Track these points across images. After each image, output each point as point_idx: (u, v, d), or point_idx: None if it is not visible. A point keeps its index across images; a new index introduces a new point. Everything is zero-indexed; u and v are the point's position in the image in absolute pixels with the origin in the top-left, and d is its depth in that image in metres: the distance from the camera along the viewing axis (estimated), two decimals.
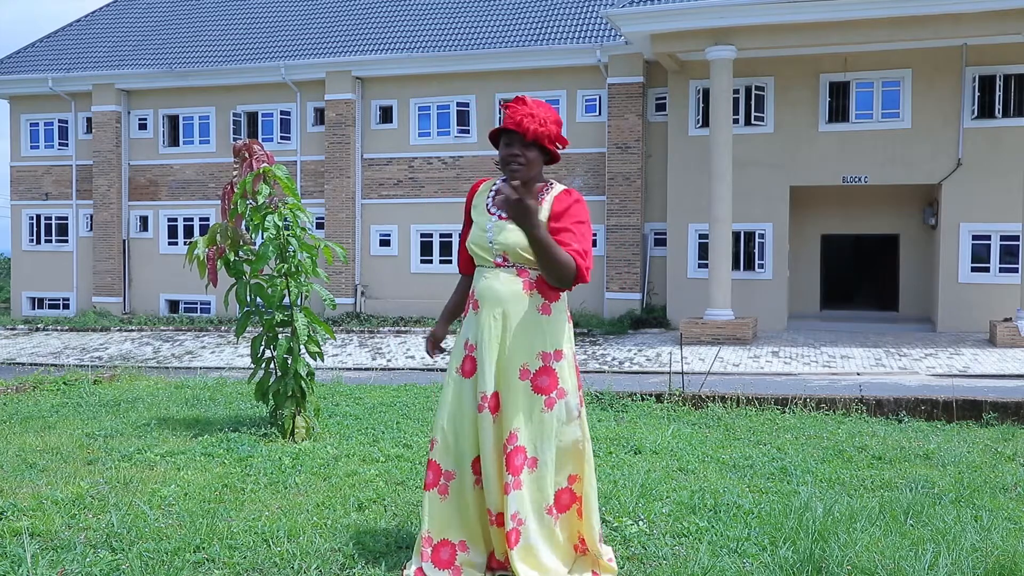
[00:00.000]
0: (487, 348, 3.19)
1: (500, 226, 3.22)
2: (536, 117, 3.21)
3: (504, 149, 3.26)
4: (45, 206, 24.62)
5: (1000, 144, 17.53)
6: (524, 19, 21.57)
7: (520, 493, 3.14)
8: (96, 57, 24.21)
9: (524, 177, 3.26)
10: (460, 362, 3.27)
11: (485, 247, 3.25)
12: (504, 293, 3.20)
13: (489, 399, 3.18)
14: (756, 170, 18.56)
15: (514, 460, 3.14)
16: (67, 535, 3.72)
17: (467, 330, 3.29)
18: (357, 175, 22.10)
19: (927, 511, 4.16)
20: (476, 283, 3.29)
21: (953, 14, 15.38)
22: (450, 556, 3.19)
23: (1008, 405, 7.02)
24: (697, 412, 7.20)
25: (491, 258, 3.24)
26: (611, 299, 20.09)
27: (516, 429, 3.16)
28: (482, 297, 3.23)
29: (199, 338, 19.47)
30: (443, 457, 3.24)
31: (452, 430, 3.23)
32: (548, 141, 3.24)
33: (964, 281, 17.84)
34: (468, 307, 3.32)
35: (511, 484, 3.13)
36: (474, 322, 3.26)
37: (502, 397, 3.19)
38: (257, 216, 5.92)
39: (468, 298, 3.34)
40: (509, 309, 3.19)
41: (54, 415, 6.78)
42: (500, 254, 3.22)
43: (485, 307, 3.22)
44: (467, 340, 3.27)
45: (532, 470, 3.17)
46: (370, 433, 6.06)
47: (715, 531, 3.84)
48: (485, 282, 3.25)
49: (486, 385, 3.18)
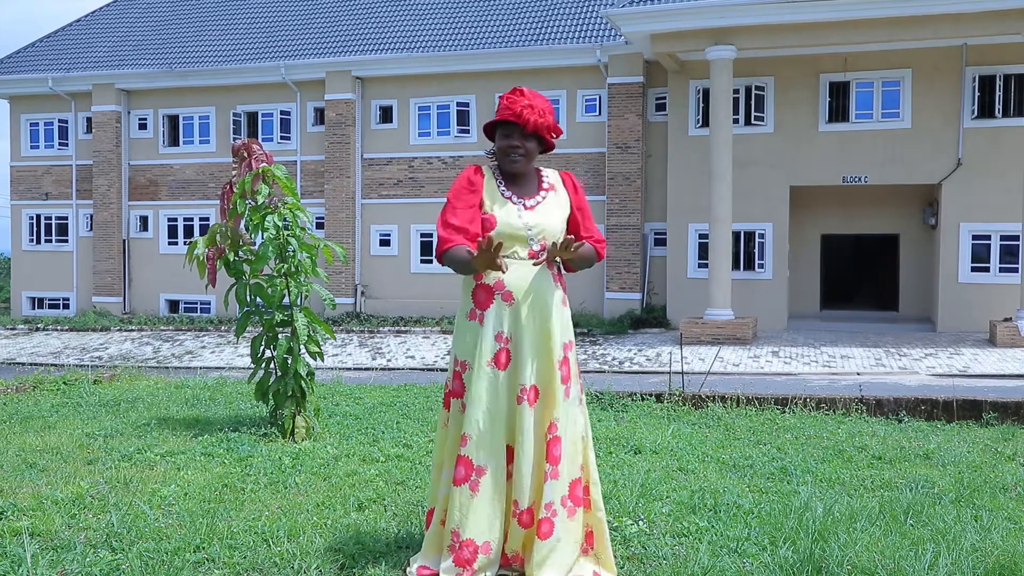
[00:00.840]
0: (527, 341, 3.20)
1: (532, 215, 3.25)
2: (535, 108, 3.21)
3: (503, 140, 3.26)
4: (45, 206, 24.62)
5: (1000, 144, 17.53)
6: (524, 19, 21.58)
7: (557, 483, 3.19)
8: (96, 57, 24.21)
9: (523, 168, 3.28)
10: (493, 355, 3.21)
11: (521, 236, 3.23)
12: (539, 286, 3.23)
13: (528, 391, 3.19)
14: (756, 170, 18.56)
15: (553, 450, 3.19)
16: (67, 535, 3.72)
17: (498, 322, 3.22)
18: (357, 175, 22.10)
19: (927, 511, 4.16)
20: (507, 274, 3.21)
21: (953, 14, 15.37)
22: (471, 555, 3.15)
23: (1008, 405, 7.01)
24: (697, 412, 7.20)
25: (526, 248, 3.24)
26: (611, 299, 20.09)
27: (556, 419, 3.21)
28: (517, 289, 3.21)
29: (199, 338, 19.47)
30: (476, 452, 3.18)
31: (488, 424, 3.19)
32: (547, 131, 3.26)
33: (964, 281, 17.84)
34: (493, 298, 3.22)
35: (549, 473, 3.18)
36: (508, 314, 3.22)
37: (541, 389, 3.22)
38: (257, 216, 5.92)
39: (493, 289, 3.22)
40: (545, 301, 3.23)
41: (54, 415, 6.78)
42: (539, 242, 3.24)
43: (522, 299, 3.21)
44: (500, 332, 3.21)
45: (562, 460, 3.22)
46: (370, 433, 6.06)
47: (715, 531, 3.84)
48: (517, 273, 3.22)
49: (526, 378, 3.19)
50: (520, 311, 3.21)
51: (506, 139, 3.25)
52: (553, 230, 3.26)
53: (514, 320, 3.22)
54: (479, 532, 3.15)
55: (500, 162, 3.30)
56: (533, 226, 3.23)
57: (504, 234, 3.20)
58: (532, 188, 3.33)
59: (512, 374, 3.21)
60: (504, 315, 3.22)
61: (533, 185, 3.34)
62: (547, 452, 3.19)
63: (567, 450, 3.23)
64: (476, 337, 3.23)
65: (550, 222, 3.27)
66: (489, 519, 3.18)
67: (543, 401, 3.22)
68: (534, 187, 3.33)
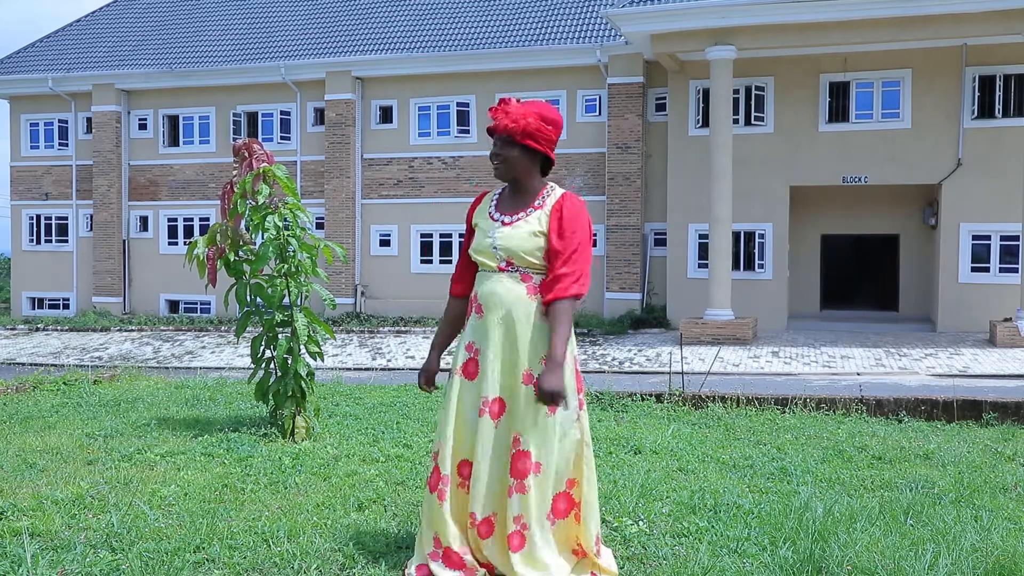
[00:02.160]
0: (491, 353, 3.19)
1: (504, 232, 3.22)
2: (510, 114, 3.19)
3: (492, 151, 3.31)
4: (45, 206, 24.62)
5: (1000, 144, 17.52)
6: (524, 19, 21.57)
7: (525, 497, 3.14)
8: (96, 57, 24.21)
9: (506, 176, 3.27)
10: (463, 363, 3.26)
11: (488, 252, 3.24)
12: (508, 297, 3.20)
13: (491, 404, 3.18)
14: (756, 170, 18.55)
15: (518, 464, 3.15)
16: (67, 535, 3.72)
17: (470, 332, 3.28)
18: (357, 175, 22.10)
19: (927, 511, 4.16)
20: (479, 287, 3.28)
21: (953, 14, 15.37)
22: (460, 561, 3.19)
23: (1008, 405, 7.02)
24: (697, 412, 7.20)
25: (494, 263, 3.23)
26: (611, 299, 20.09)
27: (521, 433, 3.16)
28: (485, 301, 3.23)
29: (199, 338, 19.47)
30: (443, 461, 3.24)
31: (452, 432, 3.23)
32: (521, 136, 3.18)
33: (964, 281, 17.84)
34: (471, 310, 3.31)
35: (514, 487, 3.14)
36: (477, 326, 3.25)
37: (507, 402, 3.19)
38: (257, 216, 5.91)
39: (470, 302, 3.33)
40: (513, 313, 3.19)
41: (54, 415, 6.78)
42: (504, 259, 3.22)
43: (489, 311, 3.21)
44: (471, 342, 3.26)
45: (537, 475, 3.16)
46: (370, 433, 6.06)
47: (715, 531, 3.84)
48: (488, 286, 3.24)
49: (488, 390, 3.18)
50: (486, 322, 3.22)
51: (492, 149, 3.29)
52: (518, 250, 3.19)
53: (480, 332, 3.24)
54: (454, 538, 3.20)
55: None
56: (499, 245, 3.21)
57: (476, 250, 3.28)
58: (522, 205, 3.26)
59: (476, 385, 3.22)
60: (475, 326, 3.26)
61: (526, 202, 3.27)
62: (512, 466, 3.15)
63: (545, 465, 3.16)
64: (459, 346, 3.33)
65: (516, 243, 3.19)
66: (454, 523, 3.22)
67: (509, 414, 3.19)
68: (525, 204, 3.26)
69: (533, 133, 3.19)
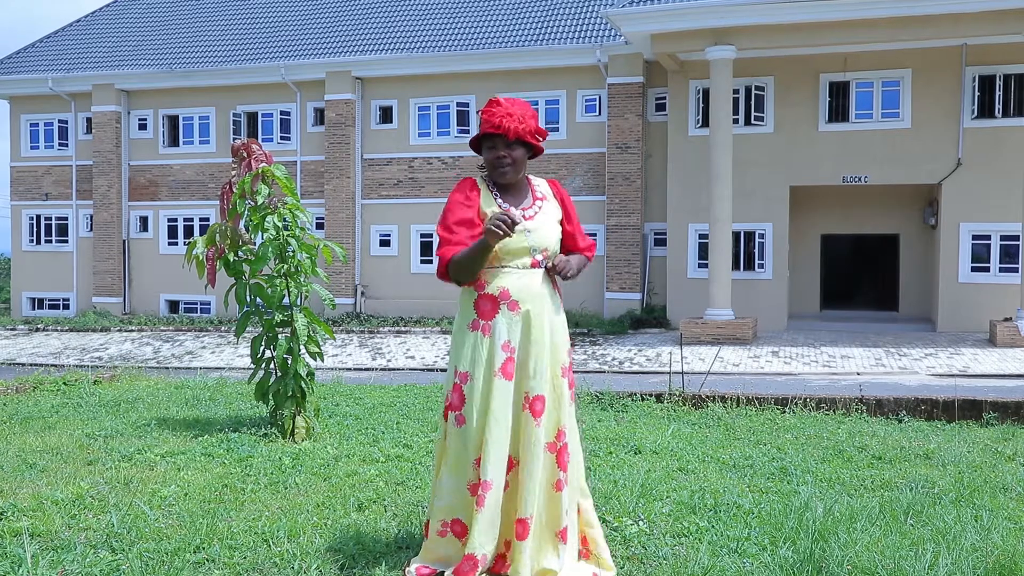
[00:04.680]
0: (534, 350, 3.19)
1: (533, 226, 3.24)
2: (514, 116, 3.20)
3: (489, 153, 3.25)
4: (45, 206, 24.61)
5: (1000, 144, 17.52)
6: (524, 19, 21.57)
7: (570, 489, 3.24)
8: (96, 57, 24.21)
9: (513, 178, 3.27)
10: (502, 364, 3.17)
11: (522, 248, 3.21)
12: (543, 294, 3.24)
13: (532, 400, 3.18)
14: (756, 170, 18.56)
15: (563, 456, 3.23)
16: (67, 535, 3.72)
17: (503, 331, 3.19)
18: (357, 175, 22.10)
19: (927, 511, 4.16)
20: (505, 282, 3.20)
21: (953, 14, 15.37)
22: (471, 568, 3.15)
23: (1008, 405, 7.02)
24: (697, 412, 7.20)
25: (528, 258, 3.23)
26: (611, 299, 20.09)
27: (564, 427, 3.25)
28: (521, 298, 3.20)
29: (199, 338, 19.47)
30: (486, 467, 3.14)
31: (499, 436, 3.15)
32: (530, 136, 3.24)
33: (964, 281, 17.83)
34: (499, 306, 3.20)
35: (563, 480, 3.21)
36: (513, 323, 3.20)
37: (548, 397, 3.22)
38: (256, 216, 5.92)
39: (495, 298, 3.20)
40: (549, 309, 3.25)
41: (54, 415, 6.78)
42: (540, 252, 3.25)
43: (527, 308, 3.20)
44: (507, 341, 3.18)
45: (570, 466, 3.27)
46: (370, 433, 6.06)
47: (715, 531, 3.84)
48: (521, 282, 3.21)
49: (531, 387, 3.18)
50: (526, 320, 3.20)
51: (492, 151, 3.23)
52: (550, 240, 3.28)
53: (520, 329, 3.20)
54: (478, 545, 3.14)
55: (491, 174, 3.29)
56: (533, 236, 3.23)
57: (507, 249, 3.18)
58: (526, 198, 3.32)
59: (518, 384, 3.20)
60: (510, 323, 3.20)
61: (526, 195, 3.33)
62: (559, 459, 3.23)
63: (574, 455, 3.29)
64: (479, 348, 3.19)
65: (547, 232, 3.27)
66: (488, 532, 3.16)
67: (551, 410, 3.22)
68: (528, 197, 3.32)
69: (535, 131, 3.25)
